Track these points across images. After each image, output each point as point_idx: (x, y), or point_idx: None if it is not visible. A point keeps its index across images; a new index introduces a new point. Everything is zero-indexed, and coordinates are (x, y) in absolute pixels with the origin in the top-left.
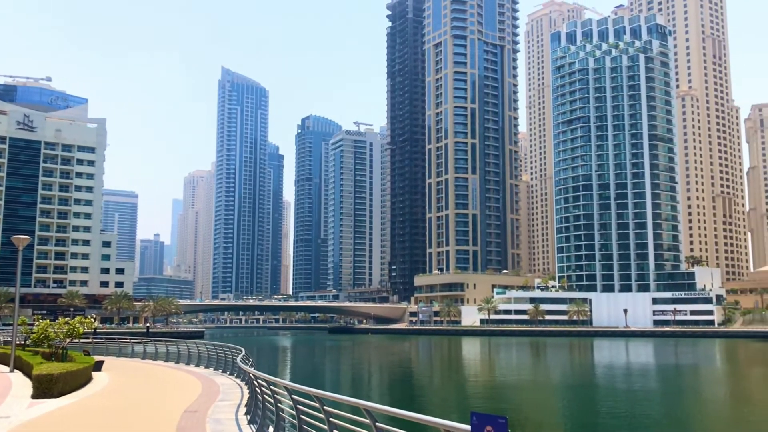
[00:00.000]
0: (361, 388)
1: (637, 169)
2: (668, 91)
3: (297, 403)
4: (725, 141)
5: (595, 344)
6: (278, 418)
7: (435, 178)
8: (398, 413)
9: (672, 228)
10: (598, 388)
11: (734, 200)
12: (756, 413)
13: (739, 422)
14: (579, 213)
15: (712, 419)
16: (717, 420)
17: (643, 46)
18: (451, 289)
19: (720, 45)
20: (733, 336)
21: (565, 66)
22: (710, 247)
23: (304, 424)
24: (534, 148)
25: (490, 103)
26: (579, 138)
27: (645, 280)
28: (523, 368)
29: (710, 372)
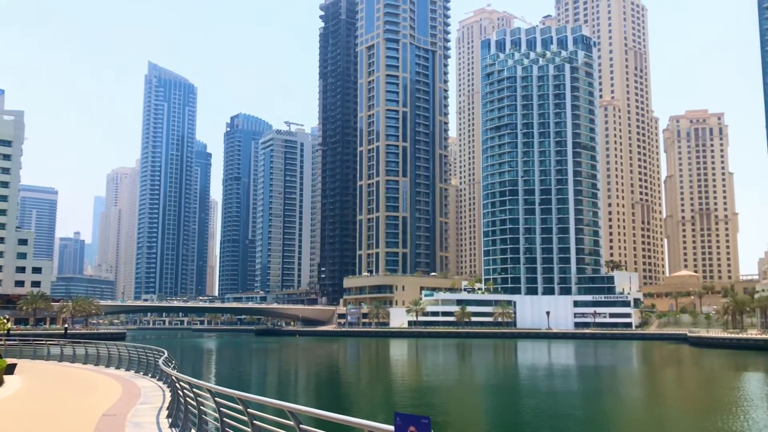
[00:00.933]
0: (286, 390)
1: (561, 176)
2: (592, 101)
3: (221, 405)
4: (644, 150)
5: (518, 345)
6: (201, 421)
7: (366, 180)
8: (322, 415)
9: (593, 233)
10: (520, 388)
11: (652, 207)
12: (669, 412)
13: (653, 420)
14: (505, 217)
15: (629, 418)
16: (633, 418)
17: (569, 56)
18: (380, 291)
19: (641, 57)
20: (650, 338)
21: (494, 73)
22: (629, 252)
23: (227, 427)
24: (463, 153)
25: (421, 107)
26: (506, 144)
27: (567, 284)
28: (448, 369)
29: (627, 373)
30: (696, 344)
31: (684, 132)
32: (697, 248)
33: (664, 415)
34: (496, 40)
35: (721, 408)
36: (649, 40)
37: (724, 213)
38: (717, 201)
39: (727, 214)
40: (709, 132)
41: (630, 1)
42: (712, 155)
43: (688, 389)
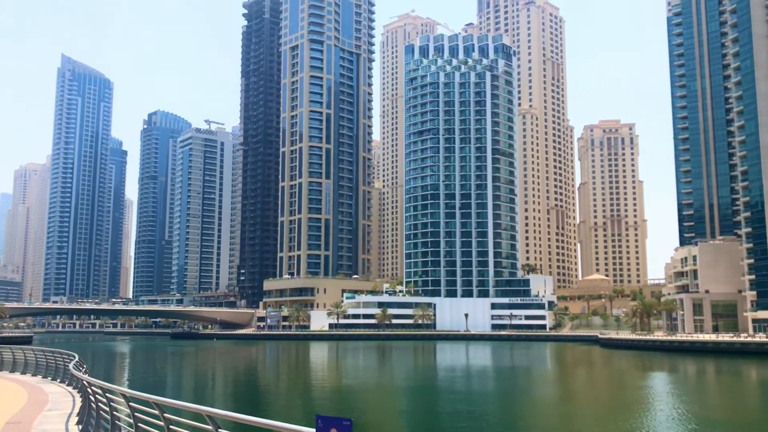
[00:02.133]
0: (203, 394)
1: (481, 181)
2: (511, 108)
3: (135, 410)
4: (560, 158)
5: (437, 347)
6: (114, 427)
7: (289, 181)
8: (242, 418)
9: (511, 237)
10: (439, 389)
11: (566, 213)
12: (579, 411)
13: (564, 419)
14: (427, 221)
15: (542, 417)
16: (546, 418)
17: (489, 64)
18: (301, 294)
19: (558, 68)
20: (563, 340)
21: (418, 78)
22: (544, 256)
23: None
24: (386, 157)
25: (345, 109)
26: (429, 149)
27: (485, 286)
28: (369, 371)
29: (541, 373)
30: (606, 345)
31: (597, 141)
32: (608, 253)
33: (575, 414)
34: (420, 46)
35: (628, 406)
36: (566, 51)
37: (634, 219)
38: (627, 208)
39: (637, 221)
40: (620, 141)
41: (549, 13)
42: (623, 164)
43: (598, 389)
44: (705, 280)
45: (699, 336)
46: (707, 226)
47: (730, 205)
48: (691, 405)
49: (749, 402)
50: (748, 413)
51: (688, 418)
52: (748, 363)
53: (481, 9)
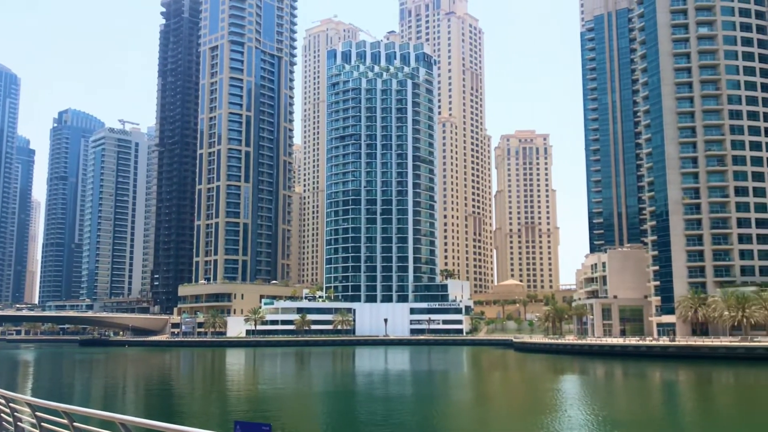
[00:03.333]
0: (114, 402)
1: (401, 187)
2: (431, 117)
3: (42, 420)
4: (478, 166)
5: (356, 352)
6: None
7: (206, 184)
8: (155, 425)
9: (430, 243)
10: (357, 394)
11: (483, 220)
12: (494, 413)
13: (480, 422)
14: (348, 226)
15: (458, 420)
16: (461, 421)
17: (411, 72)
18: (218, 300)
19: (477, 78)
20: (479, 344)
21: (340, 84)
22: (461, 262)
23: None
24: (308, 161)
25: (266, 112)
26: (350, 154)
27: (405, 291)
28: (287, 377)
29: (457, 377)
30: (520, 349)
31: (513, 150)
32: (523, 259)
33: (489, 417)
34: (342, 51)
35: (541, 409)
36: (484, 62)
37: (547, 227)
38: (541, 215)
39: (550, 228)
40: (535, 151)
41: (468, 24)
42: (538, 173)
43: (512, 392)
44: (613, 286)
45: (607, 340)
46: (616, 233)
47: (637, 214)
48: (600, 406)
49: (653, 403)
50: (652, 413)
51: (597, 419)
52: (653, 365)
53: (403, 18)
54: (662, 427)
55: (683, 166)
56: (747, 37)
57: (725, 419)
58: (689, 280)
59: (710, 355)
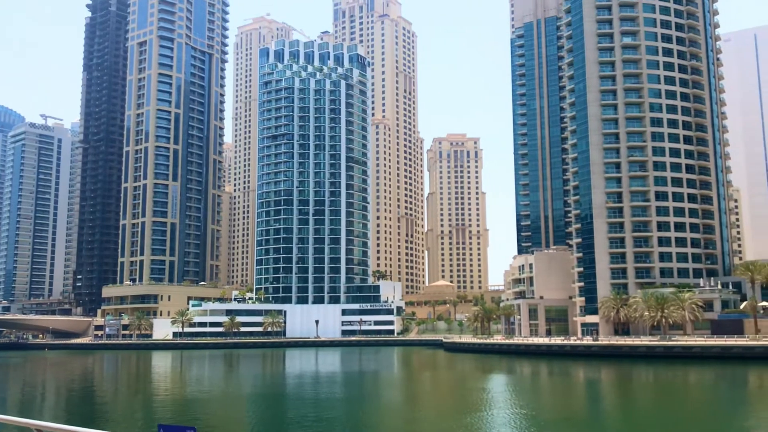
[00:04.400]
0: (32, 407)
1: (334, 188)
2: (365, 118)
3: None
4: (410, 168)
5: (287, 354)
6: None
7: (132, 182)
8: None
9: (362, 244)
10: (287, 396)
11: (415, 221)
12: (424, 412)
13: (409, 421)
14: (279, 227)
15: (388, 420)
16: (391, 420)
17: (344, 73)
18: (143, 301)
19: (410, 81)
20: (410, 344)
21: (272, 82)
22: (393, 263)
23: None
24: (239, 160)
25: (195, 110)
26: (283, 154)
27: (337, 293)
28: (215, 380)
29: (388, 377)
30: (450, 349)
31: (445, 153)
32: (454, 260)
33: (418, 417)
34: (275, 50)
35: (469, 407)
36: (417, 65)
37: (477, 229)
38: (471, 217)
39: (480, 230)
40: (466, 154)
41: (402, 27)
42: (468, 176)
43: (441, 391)
44: (540, 287)
45: (534, 339)
46: (543, 236)
47: (563, 217)
48: (526, 405)
49: (577, 400)
50: (575, 411)
51: (523, 418)
52: (577, 364)
53: (337, 18)
54: (585, 424)
55: (607, 171)
56: (668, 48)
57: (644, 416)
58: (612, 282)
59: (631, 354)
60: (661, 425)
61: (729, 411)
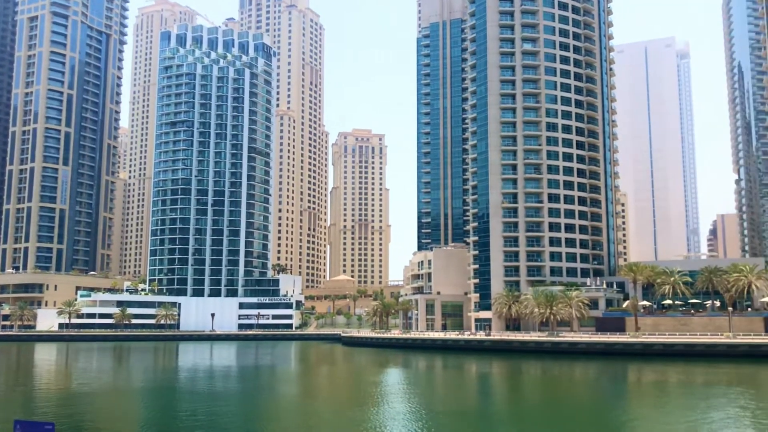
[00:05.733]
0: None
1: (235, 179)
2: (269, 108)
3: None
4: (314, 161)
5: (180, 348)
6: None
7: (18, 165)
8: None
9: (263, 237)
10: (179, 390)
11: (318, 215)
12: (319, 406)
13: (305, 415)
14: (176, 216)
15: (283, 414)
16: (287, 414)
17: (249, 61)
18: (27, 290)
19: (317, 73)
20: (308, 338)
21: (173, 67)
22: (295, 257)
23: None
24: (135, 146)
25: (90, 91)
26: (182, 141)
27: (234, 286)
28: (102, 374)
29: (285, 372)
30: (348, 344)
31: (350, 148)
32: (355, 255)
33: (314, 411)
34: (177, 34)
35: (363, 400)
36: (324, 57)
37: (380, 224)
38: (374, 213)
39: (382, 226)
40: (371, 150)
41: (309, 19)
42: (373, 171)
43: (337, 385)
44: (438, 283)
45: (430, 334)
46: (442, 233)
47: (462, 216)
48: (420, 397)
49: (468, 393)
50: (466, 403)
51: (416, 409)
52: (470, 358)
53: (243, 6)
54: (475, 417)
55: (504, 172)
56: (565, 56)
57: (531, 409)
58: (505, 279)
59: (521, 349)
60: (547, 417)
61: (609, 404)
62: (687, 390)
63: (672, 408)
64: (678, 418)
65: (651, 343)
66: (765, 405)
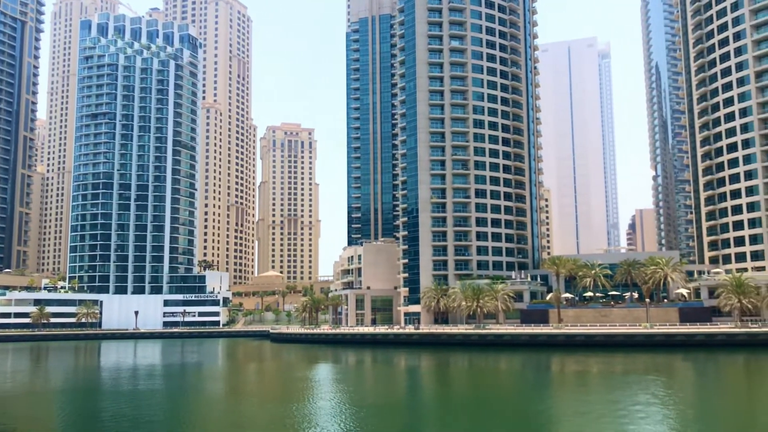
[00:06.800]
0: None
1: (159, 173)
2: (195, 101)
3: None
4: (242, 155)
5: (102, 347)
6: None
7: None
8: None
9: (188, 233)
10: (101, 391)
11: (246, 210)
12: (247, 404)
13: (232, 413)
14: (97, 212)
15: (210, 413)
16: (214, 413)
17: (174, 53)
18: None
19: (244, 66)
20: (235, 335)
21: (94, 57)
22: (222, 252)
23: None
24: (53, 139)
25: (4, 81)
26: (103, 134)
27: (159, 282)
28: (17, 375)
29: (211, 369)
30: (277, 340)
31: (279, 142)
32: (284, 250)
33: (241, 408)
34: (99, 23)
35: (292, 397)
36: (252, 50)
37: (309, 219)
38: (303, 208)
39: (311, 221)
40: (300, 144)
41: (237, 11)
42: (302, 166)
43: (265, 382)
44: (367, 278)
45: (359, 329)
46: (372, 228)
47: (392, 210)
48: (349, 392)
49: (397, 386)
50: (395, 396)
51: (345, 404)
52: (399, 352)
53: None
54: (403, 409)
55: (433, 168)
56: (491, 54)
57: (459, 399)
58: (434, 273)
59: (449, 342)
60: (473, 408)
61: (532, 394)
62: (606, 379)
63: (591, 397)
64: (593, 407)
65: (573, 334)
66: (672, 392)
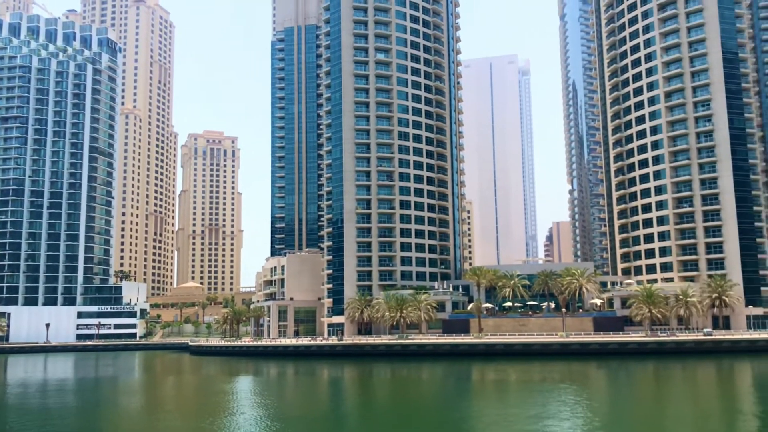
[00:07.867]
0: None
1: (74, 180)
2: (113, 107)
3: None
4: (162, 163)
5: (9, 362)
6: None
7: None
8: None
9: (104, 242)
10: (7, 408)
11: (165, 220)
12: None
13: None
14: (6, 219)
15: (126, 426)
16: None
17: (92, 56)
18: None
19: (166, 72)
20: (153, 348)
21: (5, 59)
22: (140, 263)
23: None
24: None
25: None
26: (14, 139)
27: (72, 294)
28: None
29: (127, 383)
30: (197, 353)
31: (201, 150)
32: (205, 261)
33: (160, 423)
34: (10, 23)
35: (211, 411)
36: (174, 56)
37: (231, 229)
38: (226, 218)
39: (234, 231)
40: (223, 153)
41: (159, 16)
42: (225, 175)
43: (183, 396)
44: (291, 289)
45: (282, 340)
46: (297, 238)
47: (317, 221)
48: (269, 404)
49: (318, 398)
50: (316, 408)
51: (265, 417)
52: (322, 364)
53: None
54: (324, 421)
55: (358, 178)
56: (416, 68)
57: (381, 409)
58: (358, 284)
59: (372, 353)
60: (394, 417)
61: (453, 403)
62: (523, 387)
63: (507, 405)
64: (510, 415)
65: (493, 344)
66: (582, 399)
